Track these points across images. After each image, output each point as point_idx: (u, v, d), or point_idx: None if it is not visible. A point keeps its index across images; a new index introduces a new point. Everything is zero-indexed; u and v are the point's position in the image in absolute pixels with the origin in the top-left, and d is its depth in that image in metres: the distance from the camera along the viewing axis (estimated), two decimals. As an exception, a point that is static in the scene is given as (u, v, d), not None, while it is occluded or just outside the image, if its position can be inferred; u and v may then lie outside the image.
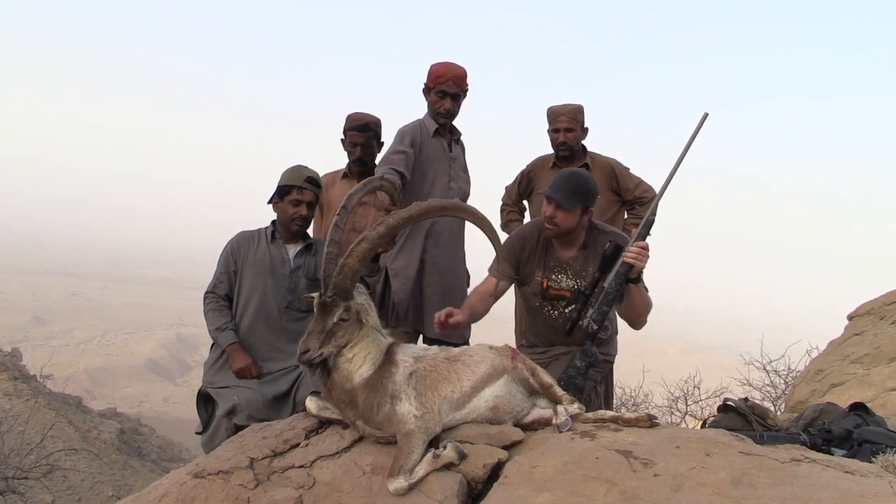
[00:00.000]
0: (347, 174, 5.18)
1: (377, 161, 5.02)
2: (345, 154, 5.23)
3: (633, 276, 3.78)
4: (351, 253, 2.95)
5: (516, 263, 4.24)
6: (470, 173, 5.35)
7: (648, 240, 3.86)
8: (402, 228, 3.15)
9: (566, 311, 4.09)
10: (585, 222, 4.12)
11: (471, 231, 4.64)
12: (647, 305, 3.98)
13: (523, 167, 5.69)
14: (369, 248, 2.96)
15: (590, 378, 3.97)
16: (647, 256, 3.78)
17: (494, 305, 4.17)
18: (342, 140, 5.19)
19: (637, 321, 4.05)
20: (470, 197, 5.22)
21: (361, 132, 5.06)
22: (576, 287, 4.08)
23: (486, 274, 4.19)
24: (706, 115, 3.92)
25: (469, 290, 5.18)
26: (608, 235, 4.13)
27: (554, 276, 4.15)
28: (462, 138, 5.29)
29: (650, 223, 3.88)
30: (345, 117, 5.21)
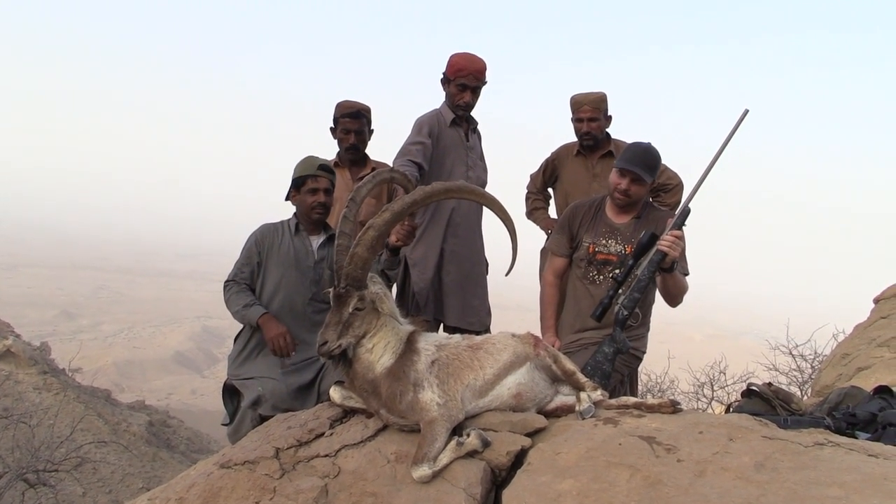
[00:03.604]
0: (339, 163, 5.17)
1: (374, 151, 5.11)
2: (335, 143, 5.21)
3: (666, 265, 3.79)
4: (359, 242, 2.96)
5: (572, 235, 4.38)
6: (487, 162, 5.34)
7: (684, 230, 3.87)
8: (408, 213, 3.13)
9: (611, 275, 4.15)
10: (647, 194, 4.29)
11: (489, 221, 4.65)
12: (681, 290, 4.05)
13: (548, 155, 5.69)
14: (376, 235, 2.96)
15: (616, 370, 3.98)
16: (682, 246, 3.78)
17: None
18: (332, 129, 5.19)
19: (671, 303, 4.15)
20: (488, 185, 5.21)
21: (355, 118, 5.06)
22: (623, 252, 4.16)
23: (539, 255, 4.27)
24: (746, 112, 3.91)
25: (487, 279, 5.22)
26: (662, 212, 4.25)
27: (603, 241, 4.23)
28: (478, 127, 5.29)
29: (686, 213, 3.88)
30: (334, 106, 5.19)
